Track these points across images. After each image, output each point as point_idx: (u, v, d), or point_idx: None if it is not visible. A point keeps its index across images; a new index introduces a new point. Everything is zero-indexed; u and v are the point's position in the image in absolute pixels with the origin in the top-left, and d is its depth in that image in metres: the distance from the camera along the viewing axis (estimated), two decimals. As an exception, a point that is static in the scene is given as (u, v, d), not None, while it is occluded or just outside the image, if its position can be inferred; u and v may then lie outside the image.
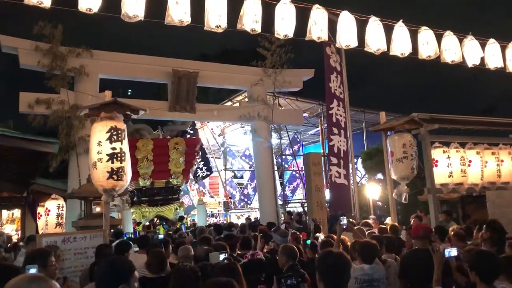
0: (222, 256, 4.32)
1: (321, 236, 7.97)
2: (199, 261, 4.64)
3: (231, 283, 2.47)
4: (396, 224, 7.82)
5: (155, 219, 13.82)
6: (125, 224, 11.71)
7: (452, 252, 3.81)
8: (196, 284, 2.97)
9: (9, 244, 9.80)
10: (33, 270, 3.22)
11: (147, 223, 13.29)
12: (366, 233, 5.80)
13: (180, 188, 14.72)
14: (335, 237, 5.40)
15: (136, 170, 12.75)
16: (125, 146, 6.33)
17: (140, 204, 13.45)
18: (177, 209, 13.94)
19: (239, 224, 12.06)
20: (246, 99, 16.37)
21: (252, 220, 15.17)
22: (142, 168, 13.12)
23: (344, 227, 5.36)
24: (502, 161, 8.58)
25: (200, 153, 16.93)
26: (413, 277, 4.38)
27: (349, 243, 5.19)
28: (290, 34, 6.75)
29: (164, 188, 13.79)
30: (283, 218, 15.31)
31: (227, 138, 21.94)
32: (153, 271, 4.23)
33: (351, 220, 8.16)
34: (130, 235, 10.42)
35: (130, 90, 25.59)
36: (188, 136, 18.31)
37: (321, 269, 2.53)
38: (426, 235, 4.72)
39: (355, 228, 5.91)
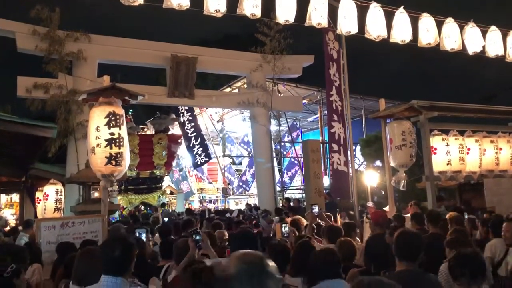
0: (286, 228, 5.56)
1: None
2: None
3: None
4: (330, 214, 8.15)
5: (140, 205, 15.39)
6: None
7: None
8: None
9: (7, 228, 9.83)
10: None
11: (133, 209, 14.92)
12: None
13: (163, 178, 16.37)
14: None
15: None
16: (123, 131, 6.31)
17: (127, 192, 15.00)
18: (160, 196, 15.51)
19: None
20: (245, 86, 16.30)
21: (252, 206, 15.33)
22: (129, 160, 14.02)
23: (316, 214, 6.16)
24: (500, 149, 8.58)
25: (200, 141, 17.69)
26: (375, 258, 4.72)
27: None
28: (291, 19, 6.70)
29: (149, 178, 15.37)
30: (281, 205, 15.38)
31: (226, 124, 21.91)
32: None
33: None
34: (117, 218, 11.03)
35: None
36: (187, 122, 18.42)
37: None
38: (384, 222, 5.47)
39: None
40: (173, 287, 3.33)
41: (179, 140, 16.67)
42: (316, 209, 6.18)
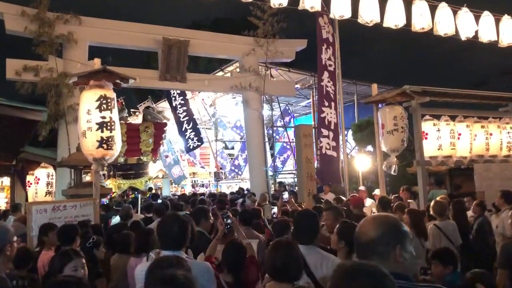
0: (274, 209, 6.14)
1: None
2: None
3: None
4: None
5: (128, 189, 16.38)
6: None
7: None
8: None
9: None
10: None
11: (121, 193, 15.81)
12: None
13: (149, 164, 17.29)
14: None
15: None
16: (115, 115, 6.27)
17: (115, 177, 16.03)
18: (146, 181, 16.71)
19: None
20: (238, 70, 16.20)
21: (245, 190, 15.42)
22: (117, 147, 14.99)
23: (285, 200, 6.75)
24: (491, 134, 8.64)
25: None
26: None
27: None
28: (284, 3, 6.65)
29: (136, 164, 16.17)
30: (273, 189, 15.48)
31: (218, 109, 21.80)
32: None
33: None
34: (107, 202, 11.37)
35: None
36: (179, 106, 18.36)
37: None
38: (361, 205, 6.26)
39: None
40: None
41: (165, 128, 17.28)
42: (285, 195, 6.84)
